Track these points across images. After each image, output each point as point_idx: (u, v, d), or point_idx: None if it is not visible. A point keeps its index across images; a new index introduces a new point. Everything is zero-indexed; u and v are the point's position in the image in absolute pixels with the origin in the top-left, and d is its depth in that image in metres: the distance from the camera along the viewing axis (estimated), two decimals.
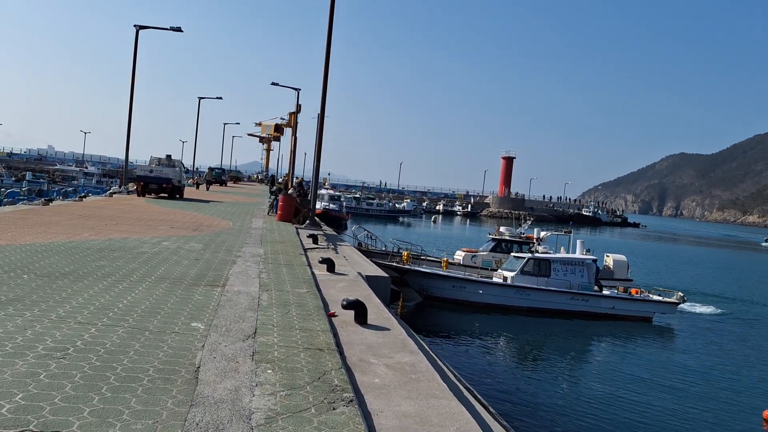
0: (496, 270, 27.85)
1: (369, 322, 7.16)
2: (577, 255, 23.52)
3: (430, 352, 7.70)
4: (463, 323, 21.38)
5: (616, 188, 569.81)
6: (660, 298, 23.78)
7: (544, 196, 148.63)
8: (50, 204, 20.34)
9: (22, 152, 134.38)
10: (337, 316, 7.35)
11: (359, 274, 12.28)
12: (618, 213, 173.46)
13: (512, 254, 24.54)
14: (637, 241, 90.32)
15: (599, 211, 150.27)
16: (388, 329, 6.97)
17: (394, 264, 23.46)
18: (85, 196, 26.78)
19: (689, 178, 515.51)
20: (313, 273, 10.40)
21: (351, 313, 7.17)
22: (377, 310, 7.96)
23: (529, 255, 22.71)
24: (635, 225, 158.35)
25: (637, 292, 24.07)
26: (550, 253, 23.16)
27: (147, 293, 7.23)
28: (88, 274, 8.03)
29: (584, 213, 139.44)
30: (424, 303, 23.30)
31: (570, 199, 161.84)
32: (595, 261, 23.42)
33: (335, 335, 6.27)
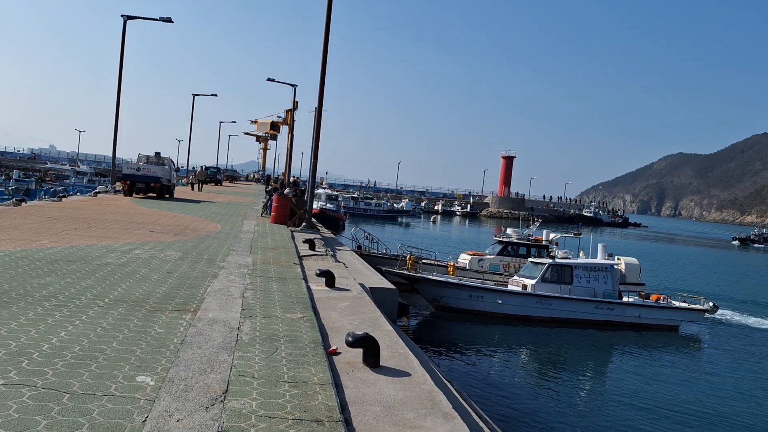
0: (502, 274, 26.13)
1: (382, 363, 5.47)
2: (600, 260, 21.83)
3: (468, 409, 5.99)
4: (481, 337, 19.55)
5: (614, 188, 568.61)
6: (687, 305, 22.13)
7: (544, 196, 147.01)
8: (23, 204, 18.59)
9: (16, 151, 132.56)
10: (339, 353, 5.67)
11: (363, 286, 10.61)
12: (619, 213, 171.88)
13: (530, 260, 22.76)
14: (641, 242, 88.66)
15: (600, 212, 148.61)
16: (408, 374, 5.27)
17: (405, 272, 21.61)
18: (64, 196, 25.01)
19: (687, 178, 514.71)
20: (309, 289, 8.71)
21: (358, 351, 5.47)
22: (391, 343, 6.27)
23: (550, 261, 20.96)
24: (636, 225, 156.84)
25: (658, 299, 22.40)
26: (570, 258, 21.44)
27: (91, 325, 5.51)
28: (23, 297, 6.31)
29: (585, 213, 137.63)
30: (435, 314, 21.45)
31: (569, 199, 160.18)
32: (615, 266, 21.75)
33: (338, 389, 4.58)
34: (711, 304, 22.56)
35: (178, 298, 7.02)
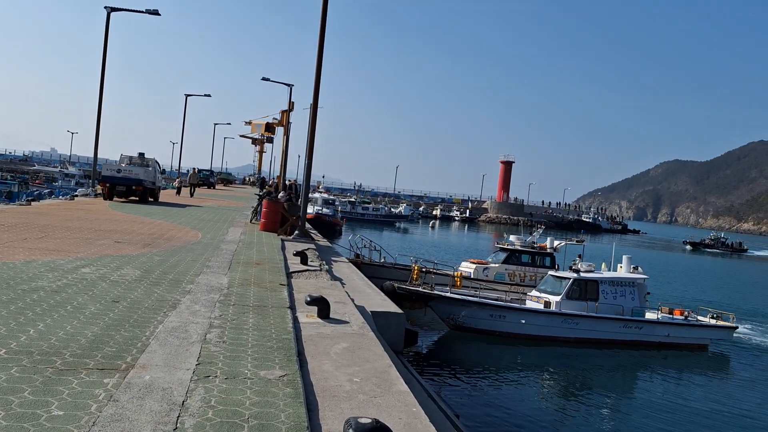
0: (509, 284, 24.23)
1: None
2: (625, 273, 19.86)
3: None
4: (501, 361, 17.34)
5: (610, 194, 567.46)
6: (716, 323, 20.24)
7: (543, 202, 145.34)
8: None
9: (8, 153, 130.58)
10: None
11: (363, 311, 8.70)
12: (618, 220, 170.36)
13: (550, 273, 20.72)
14: (642, 249, 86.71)
15: (599, 218, 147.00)
16: None
17: (420, 290, 19.38)
18: (34, 199, 23.00)
19: (684, 185, 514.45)
20: (296, 321, 6.78)
21: None
22: (409, 419, 4.33)
23: (574, 275, 18.97)
24: (635, 232, 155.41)
25: (682, 313, 20.52)
26: (593, 271, 19.47)
27: None
28: None
29: (584, 219, 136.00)
30: (450, 334, 19.29)
31: (568, 204, 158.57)
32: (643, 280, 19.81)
33: None
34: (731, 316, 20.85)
35: (110, 344, 5.06)
